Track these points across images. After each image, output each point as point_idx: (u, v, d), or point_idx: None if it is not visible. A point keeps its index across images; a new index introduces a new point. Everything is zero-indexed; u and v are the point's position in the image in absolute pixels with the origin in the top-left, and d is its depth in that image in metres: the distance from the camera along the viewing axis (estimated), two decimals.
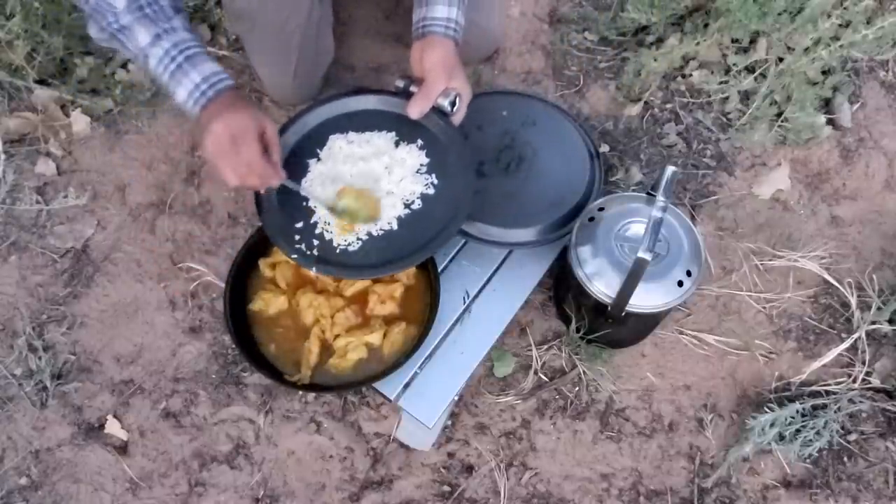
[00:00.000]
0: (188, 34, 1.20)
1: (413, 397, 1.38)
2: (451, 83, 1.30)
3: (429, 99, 1.30)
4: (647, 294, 1.25)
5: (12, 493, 1.44)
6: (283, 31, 1.57)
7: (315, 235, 1.30)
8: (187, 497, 1.44)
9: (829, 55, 1.67)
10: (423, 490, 1.45)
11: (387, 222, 1.30)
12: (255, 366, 1.34)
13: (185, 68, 1.18)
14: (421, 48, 1.31)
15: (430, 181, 1.33)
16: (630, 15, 1.80)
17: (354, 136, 1.37)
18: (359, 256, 1.28)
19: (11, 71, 1.74)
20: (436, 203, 1.31)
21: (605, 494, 1.45)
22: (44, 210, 1.70)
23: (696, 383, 1.54)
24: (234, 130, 1.16)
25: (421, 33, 1.32)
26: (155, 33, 1.17)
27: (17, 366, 1.54)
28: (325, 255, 1.28)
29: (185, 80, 1.18)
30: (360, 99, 1.41)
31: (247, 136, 1.16)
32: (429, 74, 1.29)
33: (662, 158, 1.77)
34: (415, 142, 1.35)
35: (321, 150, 1.37)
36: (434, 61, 1.29)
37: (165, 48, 1.17)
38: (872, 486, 1.45)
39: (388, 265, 1.27)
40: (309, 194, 1.30)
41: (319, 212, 1.31)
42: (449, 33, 1.32)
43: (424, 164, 1.34)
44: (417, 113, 1.31)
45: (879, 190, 1.74)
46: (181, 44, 1.18)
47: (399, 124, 1.36)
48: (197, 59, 1.19)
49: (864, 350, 1.52)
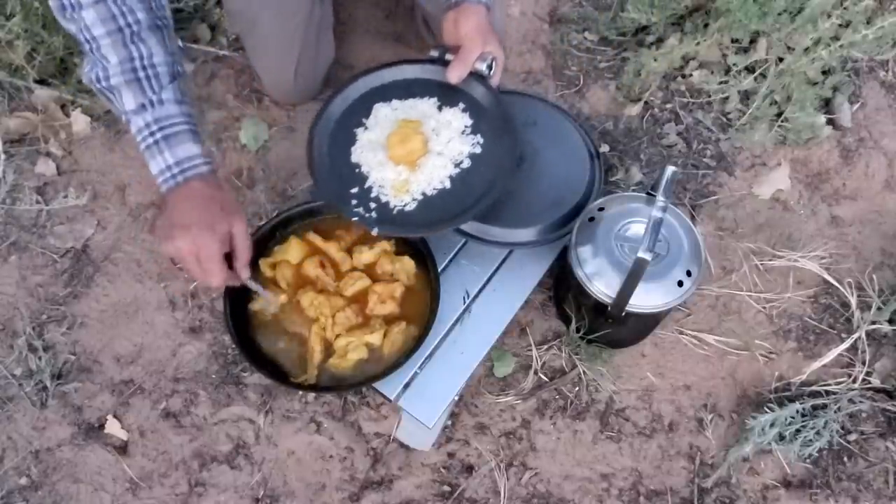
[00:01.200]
0: (176, 108, 1.16)
1: (413, 397, 1.38)
2: (487, 48, 1.33)
3: (467, 63, 1.33)
4: (647, 294, 1.25)
5: (12, 493, 1.44)
6: (283, 31, 1.57)
7: (371, 199, 1.34)
8: (187, 497, 1.44)
9: (829, 55, 1.67)
10: (423, 490, 1.45)
11: (439, 181, 1.34)
12: (255, 366, 1.33)
13: (161, 146, 1.14)
14: (455, 17, 1.33)
15: (477, 141, 1.38)
16: (630, 15, 1.80)
17: (398, 103, 1.42)
18: (415, 215, 1.33)
19: (11, 71, 1.74)
20: (483, 162, 1.36)
21: (605, 494, 1.45)
22: (44, 210, 1.70)
23: (696, 383, 1.54)
24: (200, 252, 1.12)
25: (454, 2, 1.34)
26: (140, 103, 1.13)
27: (17, 366, 1.54)
28: (383, 215, 1.33)
29: (158, 158, 1.14)
30: (397, 69, 1.46)
31: (212, 259, 1.13)
32: (465, 40, 1.32)
33: (662, 158, 1.77)
34: (457, 105, 1.40)
35: (367, 119, 1.41)
36: (470, 27, 1.31)
37: (147, 121, 1.14)
38: (872, 486, 1.45)
39: (444, 222, 1.32)
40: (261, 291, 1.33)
41: (374, 175, 1.35)
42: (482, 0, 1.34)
43: (468, 125, 1.39)
44: (457, 77, 1.35)
45: (879, 190, 1.74)
46: (164, 120, 1.14)
47: (440, 90, 1.41)
48: (174, 140, 1.15)
49: (864, 350, 1.52)
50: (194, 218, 1.13)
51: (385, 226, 1.32)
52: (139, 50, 1.13)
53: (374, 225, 1.31)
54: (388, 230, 1.33)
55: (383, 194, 1.35)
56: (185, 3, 1.86)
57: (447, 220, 1.32)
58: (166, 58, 1.16)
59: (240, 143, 1.76)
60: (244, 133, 1.76)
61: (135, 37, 1.13)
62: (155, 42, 1.15)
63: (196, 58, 1.85)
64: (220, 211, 1.15)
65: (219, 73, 1.86)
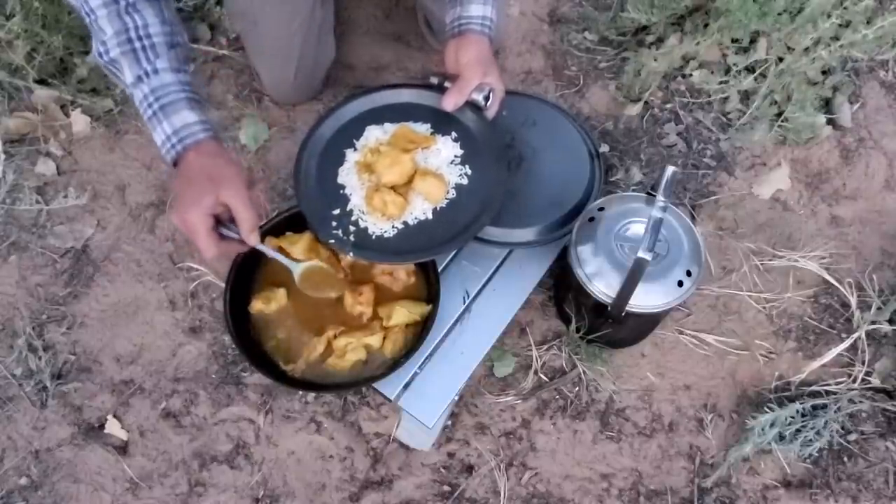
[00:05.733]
0: (172, 77, 1.14)
1: (413, 397, 1.38)
2: (486, 79, 1.33)
3: (463, 93, 1.32)
4: (647, 294, 1.25)
5: (12, 493, 1.44)
6: (284, 31, 1.57)
7: (352, 222, 1.32)
8: (187, 497, 1.44)
9: (829, 55, 1.67)
10: (423, 490, 1.45)
11: (422, 212, 1.32)
12: (255, 365, 1.33)
13: (159, 116, 1.13)
14: (456, 46, 1.32)
15: (465, 172, 1.35)
16: (630, 15, 1.80)
17: (390, 126, 1.39)
18: (394, 243, 1.30)
19: (11, 71, 1.73)
20: (469, 194, 1.34)
21: (605, 494, 1.45)
22: (44, 210, 1.70)
23: (696, 383, 1.54)
24: (187, 227, 1.11)
25: (457, 31, 1.34)
26: (137, 74, 1.13)
27: (17, 366, 1.54)
28: (360, 241, 1.30)
29: (158, 130, 1.14)
30: (394, 93, 1.44)
31: (196, 233, 1.11)
32: (465, 69, 1.31)
33: (662, 158, 1.77)
34: (449, 134, 1.38)
35: (357, 141, 1.39)
36: (470, 57, 1.31)
37: (145, 92, 1.13)
38: (872, 486, 1.45)
39: (422, 252, 1.30)
40: (275, 255, 1.29)
41: (354, 200, 1.33)
42: (485, 30, 1.33)
43: (458, 155, 1.36)
44: (452, 105, 1.33)
45: (879, 190, 1.74)
46: (160, 90, 1.13)
47: (434, 117, 1.39)
48: (171, 109, 1.13)
49: (864, 350, 1.52)
50: (182, 193, 1.12)
51: (362, 251, 1.29)
52: (134, 21, 1.12)
53: (350, 249, 1.28)
54: (364, 256, 1.30)
55: (363, 219, 1.31)
56: (184, 3, 1.86)
57: (425, 250, 1.30)
58: (163, 28, 1.15)
59: (240, 142, 1.76)
60: (244, 133, 1.76)
61: (130, 8, 1.12)
62: (151, 13, 1.14)
63: (196, 58, 1.85)
64: (206, 182, 1.12)
65: (219, 73, 1.86)
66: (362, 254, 1.29)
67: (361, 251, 1.29)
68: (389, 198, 1.29)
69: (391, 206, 1.29)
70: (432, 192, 1.31)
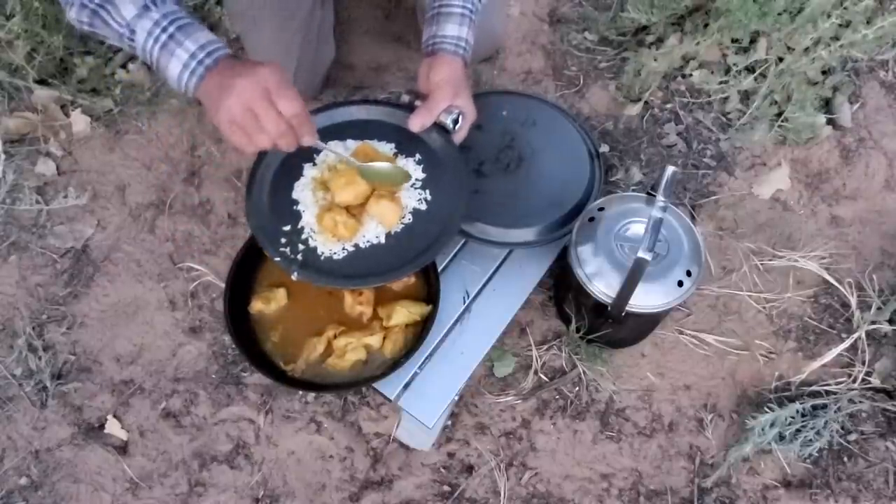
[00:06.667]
0: (177, 6, 1.10)
1: (413, 397, 1.38)
2: (456, 101, 1.29)
3: (431, 113, 1.28)
4: (647, 294, 1.25)
5: (12, 493, 1.44)
6: (284, 31, 1.57)
7: (301, 241, 1.27)
8: (187, 497, 1.44)
9: (829, 55, 1.67)
10: (423, 490, 1.45)
11: (375, 236, 1.27)
12: (255, 365, 1.33)
13: (178, 38, 1.06)
14: (429, 65, 1.30)
15: (424, 197, 1.30)
16: (630, 15, 1.80)
17: (353, 143, 1.34)
18: (343, 266, 1.25)
19: (11, 71, 1.74)
20: (426, 220, 1.28)
21: (605, 494, 1.45)
22: (44, 210, 1.70)
23: (696, 383, 1.54)
24: (268, 83, 1.03)
25: (431, 50, 1.31)
26: (143, 4, 1.06)
27: (17, 366, 1.54)
28: (308, 261, 1.25)
29: (178, 51, 1.06)
30: (362, 108, 1.39)
31: (282, 88, 1.04)
32: (435, 90, 1.28)
33: (662, 158, 1.77)
34: (413, 156, 1.33)
35: (318, 156, 1.34)
36: (441, 77, 1.28)
37: (155, 19, 1.06)
38: (872, 486, 1.45)
39: (370, 277, 1.25)
40: (325, 146, 1.22)
41: (306, 217, 1.28)
42: (458, 51, 1.31)
43: (420, 179, 1.31)
44: (418, 126, 1.29)
45: (879, 190, 1.74)
46: (171, 14, 1.07)
47: (399, 137, 1.34)
48: (191, 29, 1.08)
49: (864, 350, 1.52)
50: (230, 84, 1.04)
51: (308, 272, 1.23)
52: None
53: (295, 269, 1.23)
54: (310, 277, 1.23)
55: (313, 238, 1.26)
56: (184, 3, 1.85)
57: (375, 275, 1.24)
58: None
59: None
60: None
61: None
62: None
63: None
64: (258, 65, 1.06)
65: None
66: (308, 274, 1.23)
67: (307, 271, 1.24)
68: (341, 218, 1.24)
69: (342, 228, 1.24)
70: (387, 215, 1.26)
